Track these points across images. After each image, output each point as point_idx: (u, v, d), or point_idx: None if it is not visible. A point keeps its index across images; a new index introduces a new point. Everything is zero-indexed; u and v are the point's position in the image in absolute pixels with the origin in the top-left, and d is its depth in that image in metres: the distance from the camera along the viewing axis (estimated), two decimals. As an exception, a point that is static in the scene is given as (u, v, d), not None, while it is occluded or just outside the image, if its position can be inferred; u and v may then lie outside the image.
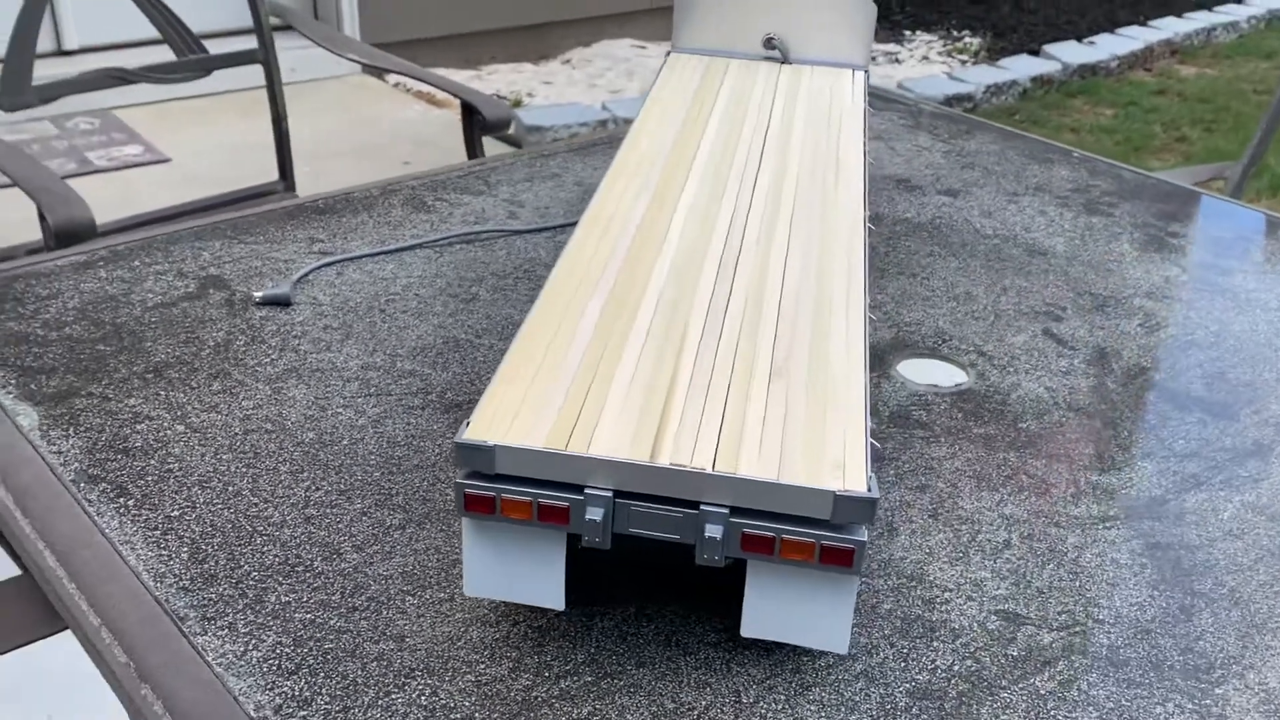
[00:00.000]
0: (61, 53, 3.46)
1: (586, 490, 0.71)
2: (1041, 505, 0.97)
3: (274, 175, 2.24)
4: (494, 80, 4.21)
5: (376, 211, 1.36)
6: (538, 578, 0.75)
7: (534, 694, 0.75)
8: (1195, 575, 0.89)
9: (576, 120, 3.74)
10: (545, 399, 0.76)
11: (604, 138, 1.65)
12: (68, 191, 1.59)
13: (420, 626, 0.79)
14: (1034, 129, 4.33)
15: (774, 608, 0.74)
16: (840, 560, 0.70)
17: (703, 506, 0.71)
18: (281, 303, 1.15)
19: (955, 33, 5.23)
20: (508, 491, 0.71)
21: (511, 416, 0.74)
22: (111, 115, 3.36)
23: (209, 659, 0.75)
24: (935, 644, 0.81)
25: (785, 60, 1.46)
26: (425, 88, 3.84)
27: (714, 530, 0.70)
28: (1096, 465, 1.02)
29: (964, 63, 4.82)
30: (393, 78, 3.90)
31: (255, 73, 2.21)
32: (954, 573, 0.88)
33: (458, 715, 0.73)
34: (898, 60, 4.79)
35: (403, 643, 0.78)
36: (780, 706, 0.75)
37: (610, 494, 0.71)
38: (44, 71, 2.50)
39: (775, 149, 1.20)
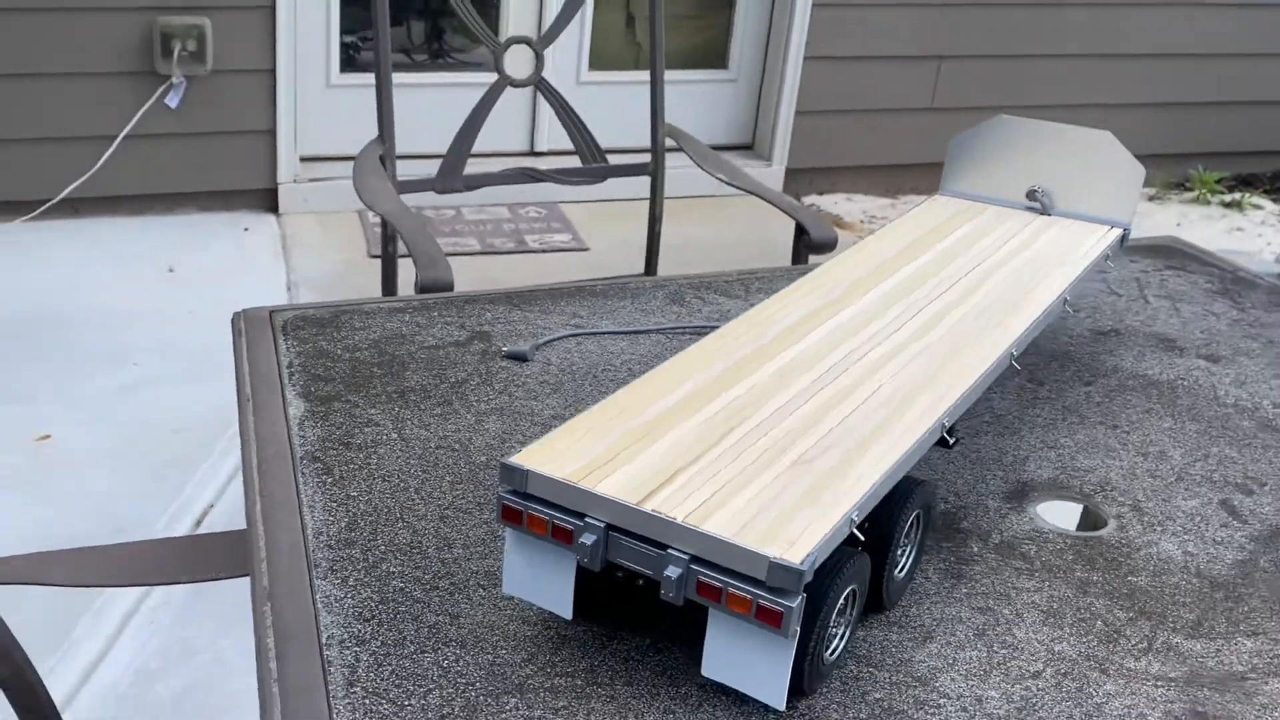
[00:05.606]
0: (534, 153, 4.05)
1: (586, 519, 0.86)
2: (1099, 651, 0.97)
3: (663, 271, 2.54)
4: (904, 205, 4.35)
5: (640, 299, 1.58)
6: (554, 588, 0.91)
7: (530, 682, 0.90)
8: (1219, 748, 0.87)
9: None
10: (590, 448, 0.92)
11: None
12: (439, 257, 1.95)
13: (476, 612, 0.97)
14: None
15: (727, 654, 0.84)
16: (772, 620, 0.80)
17: (669, 550, 0.84)
18: (520, 358, 1.39)
19: None
20: (533, 509, 0.89)
21: (555, 454, 0.91)
22: (557, 208, 3.88)
23: (317, 597, 0.98)
24: (902, 736, 0.87)
25: (1046, 212, 1.51)
26: (837, 211, 4.08)
27: (673, 571, 0.83)
28: (1189, 629, 1.00)
29: None
30: (808, 198, 4.16)
31: (690, 183, 2.52)
32: (963, 686, 0.93)
33: (463, 680, 0.90)
34: (1376, 237, 4.34)
35: (456, 620, 0.96)
36: (723, 744, 0.85)
37: (603, 525, 0.86)
38: (517, 163, 2.96)
39: (968, 285, 1.28)
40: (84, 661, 2.05)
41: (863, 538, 0.88)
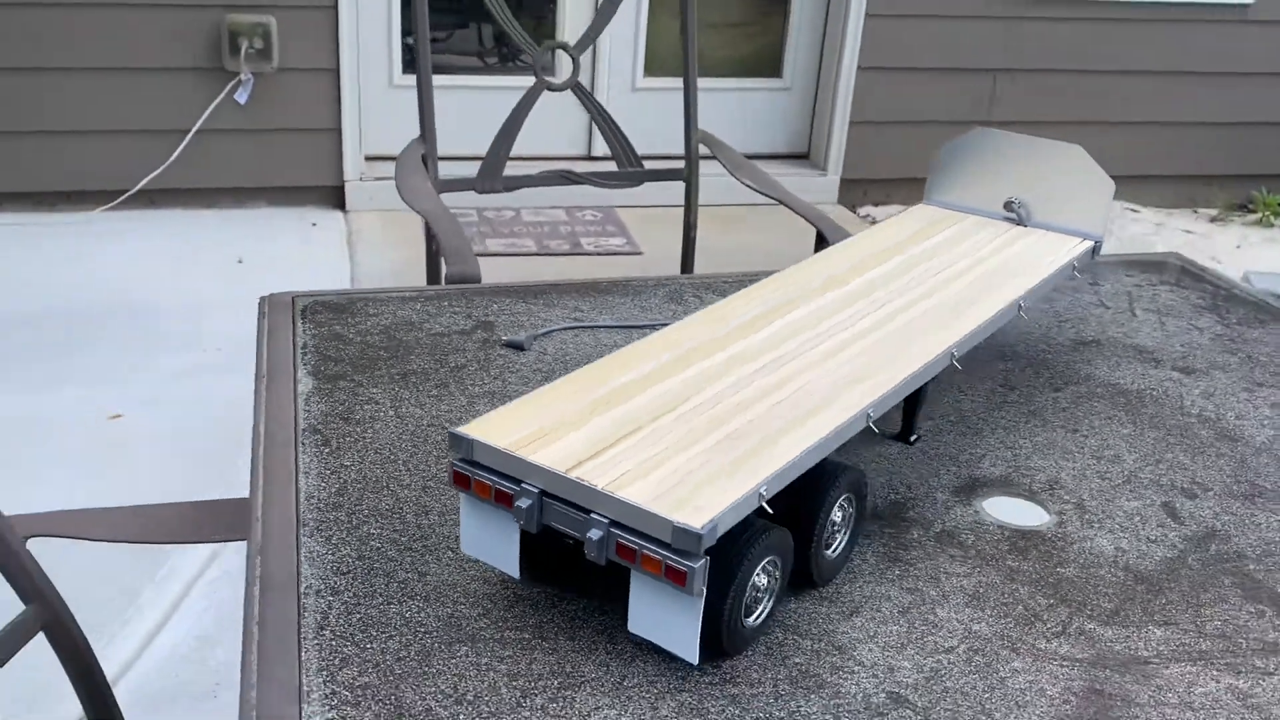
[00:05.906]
0: (590, 157, 4.16)
1: (523, 485, 0.96)
2: (1015, 632, 1.05)
3: (699, 274, 2.63)
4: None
5: (641, 297, 1.67)
6: (501, 549, 1.01)
7: (482, 634, 1.00)
8: (1104, 721, 0.94)
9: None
10: (535, 420, 1.02)
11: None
12: (468, 253, 2.06)
13: (442, 571, 1.07)
14: None
15: (646, 611, 0.94)
16: (678, 579, 0.89)
17: (591, 515, 0.93)
18: (518, 347, 1.50)
19: None
20: (478, 475, 0.98)
21: (502, 425, 1.01)
22: (613, 212, 3.99)
23: (301, 553, 1.09)
24: (812, 696, 0.95)
25: (1022, 223, 1.57)
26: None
27: (594, 534, 0.92)
28: (1104, 617, 1.07)
29: None
30: (863, 209, 4.22)
31: (739, 191, 2.62)
32: (879, 655, 1.00)
33: (422, 630, 1.00)
34: None
35: (423, 577, 1.06)
36: (644, 697, 0.94)
37: (538, 491, 0.96)
38: (571, 166, 3.08)
39: (928, 289, 1.35)
40: (148, 625, 2.21)
41: (770, 510, 0.96)
